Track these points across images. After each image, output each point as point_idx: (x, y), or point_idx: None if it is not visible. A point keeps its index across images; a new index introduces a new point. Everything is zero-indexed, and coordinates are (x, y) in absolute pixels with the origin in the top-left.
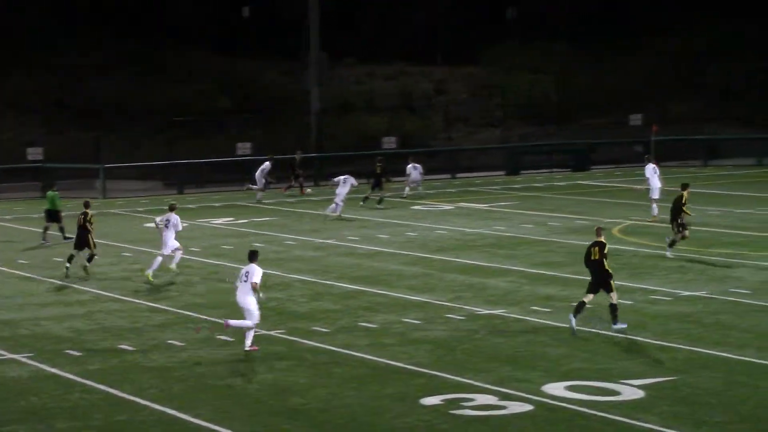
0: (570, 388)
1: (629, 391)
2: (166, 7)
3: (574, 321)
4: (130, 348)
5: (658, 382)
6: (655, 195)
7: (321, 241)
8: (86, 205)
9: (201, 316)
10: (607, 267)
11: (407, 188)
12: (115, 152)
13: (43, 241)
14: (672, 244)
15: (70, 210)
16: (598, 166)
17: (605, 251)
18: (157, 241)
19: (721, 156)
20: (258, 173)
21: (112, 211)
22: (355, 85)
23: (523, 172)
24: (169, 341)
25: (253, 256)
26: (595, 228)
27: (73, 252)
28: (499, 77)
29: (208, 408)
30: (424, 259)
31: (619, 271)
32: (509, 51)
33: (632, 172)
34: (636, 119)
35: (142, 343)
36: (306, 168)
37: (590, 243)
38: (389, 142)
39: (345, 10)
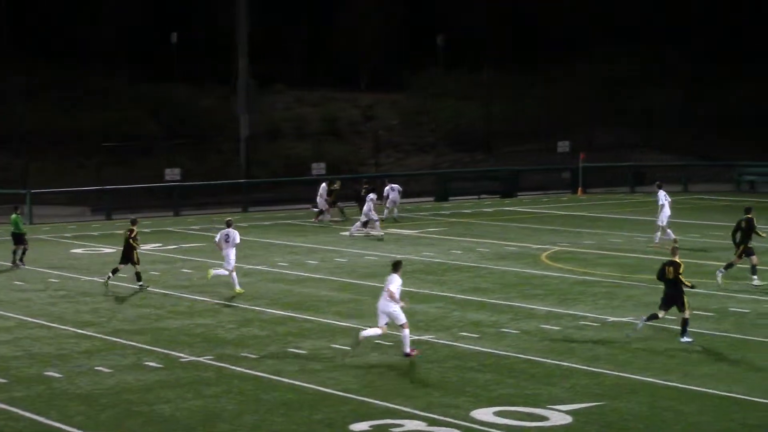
0: (498, 414)
1: (557, 417)
2: (93, 32)
3: (642, 324)
4: (56, 375)
5: (586, 408)
6: (664, 222)
7: (250, 267)
8: (133, 223)
9: (129, 342)
10: (683, 284)
11: (386, 210)
12: (44, 177)
13: (14, 264)
14: (729, 267)
15: None
16: (526, 192)
17: (680, 270)
18: (84, 268)
19: (648, 182)
20: (319, 199)
21: (39, 237)
22: (284, 112)
23: (451, 198)
24: (97, 368)
25: (396, 267)
26: (671, 248)
27: (118, 266)
28: (426, 104)
29: None
30: (353, 285)
31: (548, 297)
32: (435, 78)
33: (558, 199)
34: (564, 146)
35: (69, 369)
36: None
37: (665, 261)
38: (318, 168)
39: (274, 36)
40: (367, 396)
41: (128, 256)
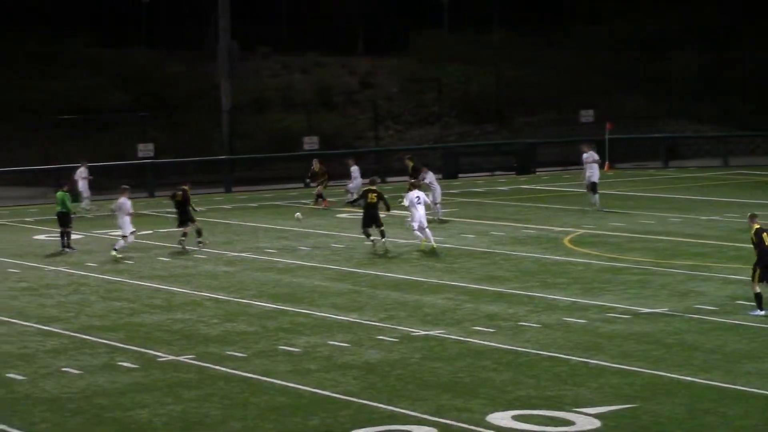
0: (517, 418)
1: (584, 421)
2: None
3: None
4: (18, 377)
5: (616, 411)
6: None
7: (234, 254)
8: (184, 183)
9: (100, 340)
10: None
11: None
12: None
13: (66, 248)
14: None
15: None
16: (545, 168)
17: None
18: (48, 257)
19: (683, 156)
20: (352, 185)
21: None
22: (270, 79)
23: (461, 175)
24: (64, 368)
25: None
26: (751, 215)
27: (185, 230)
28: (430, 70)
29: None
30: (351, 273)
31: (571, 286)
32: (440, 40)
33: (582, 175)
34: (587, 116)
35: (33, 371)
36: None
37: (757, 230)
38: (311, 143)
39: None
40: (369, 399)
41: (187, 216)
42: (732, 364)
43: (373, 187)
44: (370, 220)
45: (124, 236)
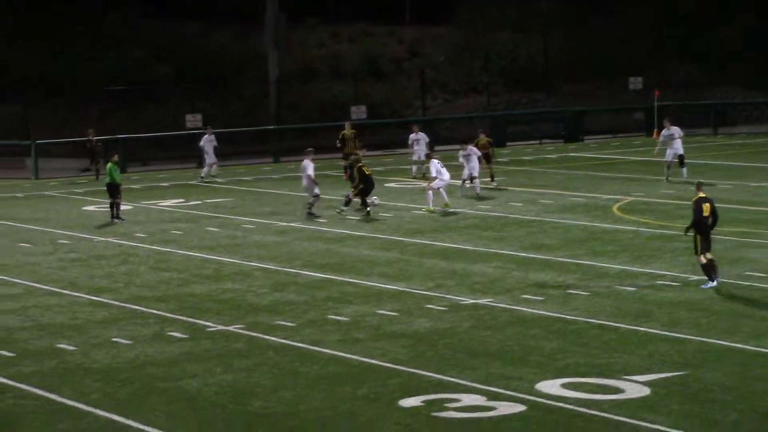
0: (567, 386)
1: (634, 388)
2: None
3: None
4: (69, 347)
5: (666, 378)
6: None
7: (283, 224)
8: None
9: (150, 310)
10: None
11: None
12: (43, 128)
13: (115, 219)
14: None
15: None
16: (593, 136)
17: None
18: (98, 228)
19: (733, 123)
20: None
21: (46, 193)
22: (317, 49)
23: (509, 143)
24: (114, 339)
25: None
26: (697, 183)
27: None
28: (477, 38)
29: (159, 414)
30: (399, 243)
31: (620, 254)
32: (486, 8)
33: (630, 142)
34: (636, 83)
35: (84, 341)
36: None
37: (698, 199)
38: (359, 112)
39: None
40: (418, 368)
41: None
42: None
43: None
44: (370, 190)
45: (315, 196)
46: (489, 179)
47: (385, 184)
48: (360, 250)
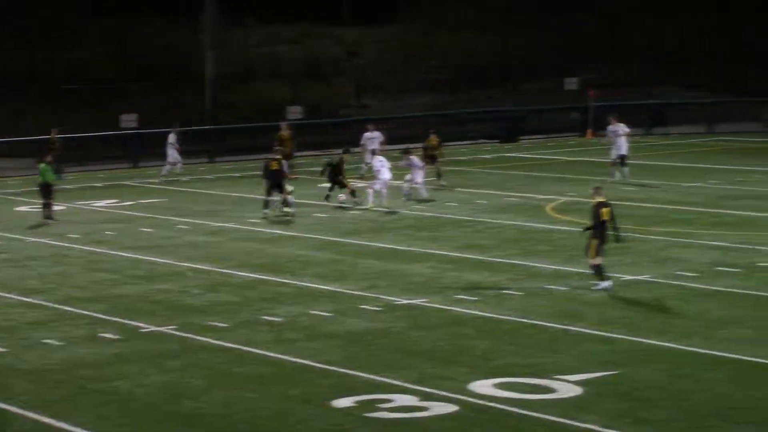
0: (499, 386)
1: (566, 388)
2: None
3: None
4: (0, 349)
5: (598, 377)
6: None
7: (217, 224)
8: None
9: (82, 311)
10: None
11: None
12: None
13: (48, 220)
14: None
15: None
16: (529, 136)
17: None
18: (29, 228)
19: (667, 123)
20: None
21: None
22: (256, 49)
23: (445, 144)
24: (46, 340)
25: None
26: (596, 188)
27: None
28: (416, 37)
29: (89, 415)
30: (334, 243)
31: (553, 254)
32: (426, 7)
33: (565, 143)
34: (571, 83)
35: (15, 342)
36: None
37: (597, 203)
38: (294, 112)
39: None
40: (351, 368)
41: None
42: (711, 330)
43: (277, 156)
44: (275, 186)
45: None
46: (436, 178)
47: (319, 185)
48: (294, 250)
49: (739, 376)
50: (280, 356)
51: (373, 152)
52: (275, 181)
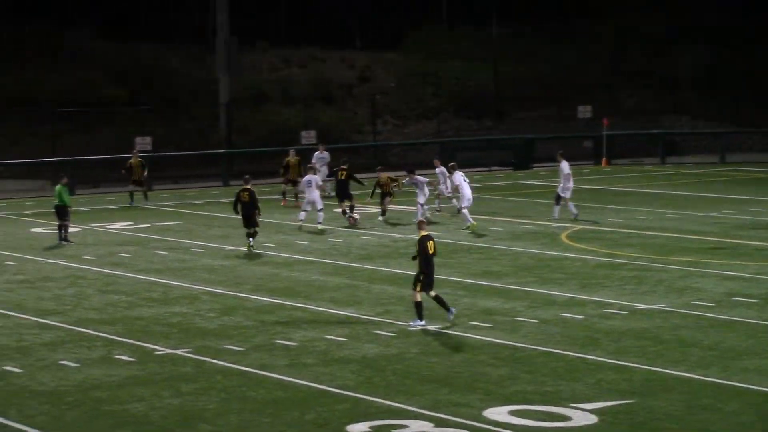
0: (514, 413)
1: (580, 417)
2: None
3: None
4: (16, 369)
5: (613, 406)
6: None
7: (232, 248)
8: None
9: (97, 333)
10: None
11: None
12: None
13: (63, 241)
14: None
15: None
16: (542, 164)
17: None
18: (45, 250)
19: (681, 153)
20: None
21: None
22: (269, 73)
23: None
24: (61, 362)
25: None
26: (419, 222)
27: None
28: (428, 64)
29: None
30: (348, 268)
31: (568, 281)
32: (437, 35)
33: (579, 171)
34: (585, 111)
35: (30, 364)
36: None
37: (422, 237)
38: (308, 137)
39: None
40: (366, 393)
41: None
42: (729, 360)
43: (247, 186)
44: (246, 220)
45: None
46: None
47: (334, 209)
48: (309, 275)
49: (759, 407)
50: (295, 380)
51: (314, 171)
52: (245, 213)
